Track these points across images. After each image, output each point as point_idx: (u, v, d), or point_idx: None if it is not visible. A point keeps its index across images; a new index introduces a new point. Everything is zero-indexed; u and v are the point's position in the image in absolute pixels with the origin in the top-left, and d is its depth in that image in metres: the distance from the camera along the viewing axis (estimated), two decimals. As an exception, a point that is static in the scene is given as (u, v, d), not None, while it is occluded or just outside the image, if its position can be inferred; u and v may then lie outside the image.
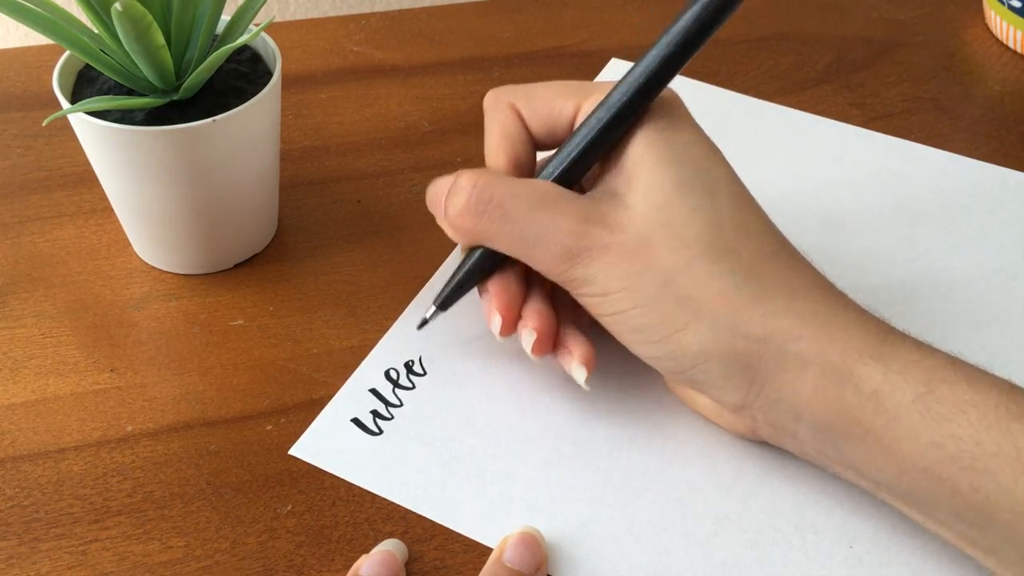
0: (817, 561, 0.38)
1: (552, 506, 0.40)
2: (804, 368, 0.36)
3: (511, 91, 0.42)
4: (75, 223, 0.51)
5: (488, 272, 0.41)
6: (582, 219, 0.38)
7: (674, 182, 0.38)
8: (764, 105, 0.59)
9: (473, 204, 0.39)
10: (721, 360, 0.36)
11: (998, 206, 0.53)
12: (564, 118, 0.41)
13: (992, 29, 0.65)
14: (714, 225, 0.37)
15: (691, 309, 0.36)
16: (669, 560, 0.38)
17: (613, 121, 0.39)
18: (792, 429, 0.37)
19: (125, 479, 0.40)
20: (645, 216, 0.37)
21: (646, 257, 0.37)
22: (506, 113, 0.42)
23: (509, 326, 0.41)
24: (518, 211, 0.38)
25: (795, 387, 0.36)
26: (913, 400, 0.34)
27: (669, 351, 0.37)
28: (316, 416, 0.43)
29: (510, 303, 0.40)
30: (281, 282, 0.49)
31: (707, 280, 0.36)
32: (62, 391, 0.44)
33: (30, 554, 0.38)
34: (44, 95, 0.58)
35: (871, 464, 0.35)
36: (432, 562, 0.38)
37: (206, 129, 0.43)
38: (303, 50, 0.63)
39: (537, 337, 0.40)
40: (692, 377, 0.38)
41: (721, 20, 0.38)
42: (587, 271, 0.38)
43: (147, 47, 0.41)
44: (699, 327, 0.36)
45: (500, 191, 0.39)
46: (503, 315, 0.40)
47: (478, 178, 0.39)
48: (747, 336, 0.36)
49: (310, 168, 0.55)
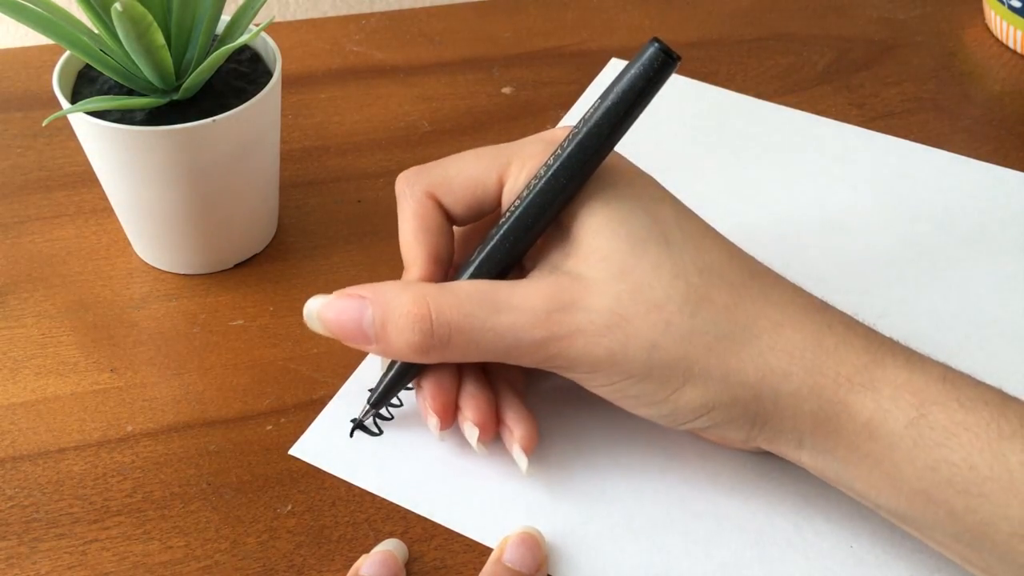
0: (817, 561, 0.38)
1: (552, 506, 0.40)
2: (799, 405, 0.35)
3: (424, 174, 0.40)
4: (75, 223, 0.51)
5: (417, 370, 0.40)
6: (544, 311, 0.36)
7: (627, 243, 0.36)
8: (764, 105, 0.59)
9: (435, 338, 0.36)
10: (723, 409, 0.36)
11: (998, 206, 0.53)
12: (489, 193, 0.39)
13: (992, 29, 0.65)
14: (679, 277, 0.36)
15: (683, 369, 0.36)
16: (669, 560, 0.38)
17: (547, 199, 0.37)
18: (795, 456, 0.37)
19: (125, 479, 0.40)
20: (607, 288, 0.36)
21: (624, 330, 0.36)
22: (421, 202, 0.39)
23: (447, 422, 0.39)
24: (475, 329, 0.36)
25: (794, 422, 0.36)
26: (906, 426, 0.34)
27: (670, 410, 0.37)
28: (316, 416, 0.43)
29: (445, 402, 0.39)
30: (281, 282, 0.49)
31: (690, 337, 0.36)
32: (62, 391, 0.44)
33: (30, 554, 0.38)
34: (44, 95, 0.58)
35: (870, 487, 0.36)
36: (432, 562, 0.38)
37: (206, 129, 0.43)
38: (303, 50, 0.63)
39: (480, 430, 0.39)
40: (695, 426, 0.37)
41: (657, 86, 0.36)
42: (568, 357, 0.36)
43: (147, 47, 0.41)
44: (695, 384, 0.36)
45: (452, 314, 0.36)
46: (439, 415, 0.39)
47: (423, 305, 0.36)
48: (743, 383, 0.36)
49: (310, 168, 0.55)
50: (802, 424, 0.36)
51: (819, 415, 0.35)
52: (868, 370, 0.35)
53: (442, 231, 0.40)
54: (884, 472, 0.35)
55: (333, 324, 0.38)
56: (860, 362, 0.35)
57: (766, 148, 0.56)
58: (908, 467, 0.34)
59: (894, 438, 0.34)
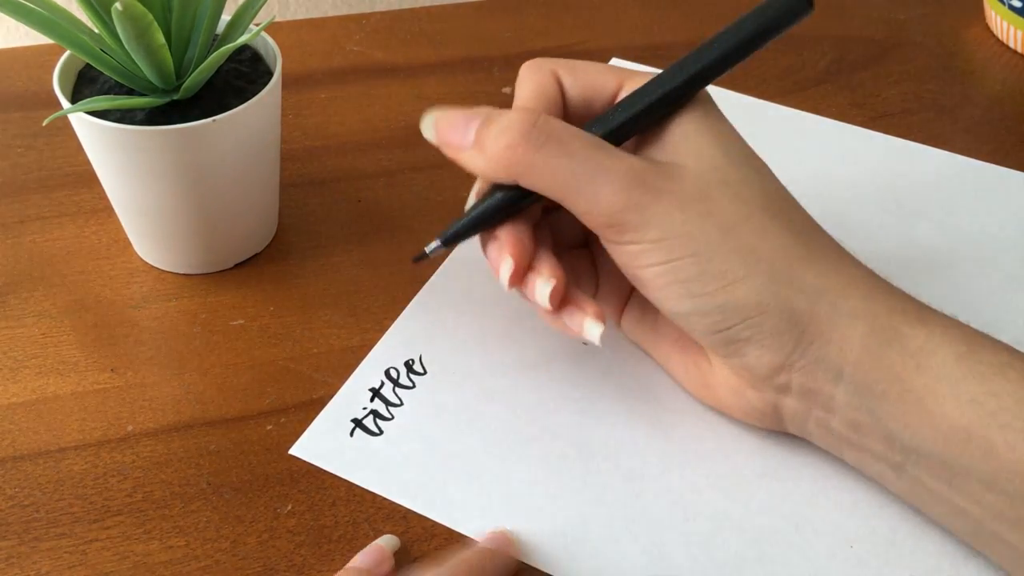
0: (817, 561, 0.38)
1: (552, 506, 0.40)
2: (853, 324, 0.36)
3: (554, 60, 0.42)
4: (75, 223, 0.51)
5: (500, 219, 0.40)
6: (640, 167, 0.37)
7: (724, 155, 0.38)
8: (764, 105, 0.59)
9: (534, 135, 0.37)
10: (774, 314, 0.36)
11: (998, 206, 0.53)
12: (606, 92, 0.41)
13: (992, 29, 0.65)
14: (766, 191, 0.38)
15: (750, 260, 0.36)
16: (669, 560, 0.38)
17: (664, 97, 0.39)
18: (827, 394, 0.37)
19: (125, 479, 0.40)
20: (701, 174, 0.37)
21: (707, 205, 0.37)
22: (547, 76, 0.41)
23: (519, 274, 0.39)
24: (576, 147, 0.37)
25: (842, 344, 0.36)
26: (956, 359, 0.35)
27: (719, 304, 0.37)
28: (316, 416, 0.43)
29: (523, 249, 0.39)
30: (281, 282, 0.49)
31: (765, 234, 0.37)
32: (62, 391, 0.44)
33: (30, 553, 0.38)
34: (44, 95, 0.58)
35: (908, 427, 0.35)
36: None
37: (206, 129, 0.43)
38: (303, 50, 0.63)
39: (554, 287, 0.38)
40: (736, 334, 0.37)
41: (787, 25, 0.39)
42: (643, 216, 0.37)
43: (147, 47, 0.41)
44: (756, 279, 0.36)
45: (557, 126, 0.38)
46: (516, 259, 0.39)
47: (534, 112, 0.38)
48: (802, 290, 0.36)
49: (310, 168, 0.55)
50: (849, 349, 0.36)
51: (869, 341, 0.36)
52: (920, 311, 0.37)
53: (558, 105, 0.41)
54: (925, 409, 0.35)
55: (442, 124, 0.40)
56: (912, 305, 0.37)
57: (766, 148, 0.56)
58: (951, 402, 0.34)
59: (943, 369, 0.35)
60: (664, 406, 0.43)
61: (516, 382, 0.44)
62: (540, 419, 0.42)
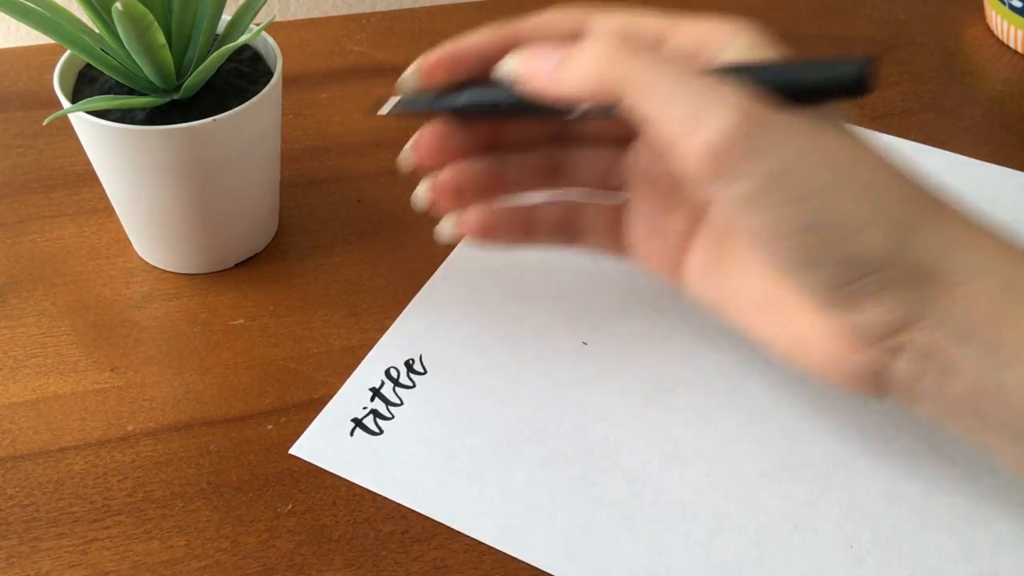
0: (817, 561, 0.38)
1: (552, 506, 0.40)
2: (984, 281, 0.33)
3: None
4: (75, 222, 0.51)
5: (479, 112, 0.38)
6: (750, 96, 0.33)
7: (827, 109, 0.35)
8: (764, 105, 0.59)
9: (636, 51, 0.34)
10: (901, 266, 0.33)
11: (998, 206, 0.52)
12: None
13: (993, 29, 0.65)
14: (874, 142, 0.35)
15: (875, 205, 0.33)
16: (669, 560, 0.38)
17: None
18: (949, 354, 0.33)
19: (125, 478, 0.40)
20: (812, 117, 0.34)
21: (827, 139, 0.33)
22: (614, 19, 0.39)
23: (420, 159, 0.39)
24: (681, 67, 0.34)
25: (971, 300, 0.33)
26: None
27: (844, 255, 0.33)
28: (316, 416, 0.43)
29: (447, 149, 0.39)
30: (281, 282, 0.49)
31: (889, 179, 0.33)
32: (62, 390, 0.44)
33: (30, 553, 0.38)
34: (45, 95, 0.58)
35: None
36: (432, 562, 0.38)
37: (206, 129, 0.43)
38: (303, 50, 0.63)
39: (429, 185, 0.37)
40: (859, 289, 0.33)
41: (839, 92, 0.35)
42: (753, 144, 0.32)
43: (148, 46, 0.41)
44: (882, 227, 0.33)
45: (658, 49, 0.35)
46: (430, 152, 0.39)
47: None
48: (938, 237, 0.33)
49: (310, 168, 0.55)
50: (979, 303, 0.33)
51: (1001, 300, 0.32)
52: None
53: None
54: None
55: (529, 52, 0.37)
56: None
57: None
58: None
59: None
60: (664, 406, 0.43)
61: (516, 382, 0.44)
62: (540, 419, 0.42)
